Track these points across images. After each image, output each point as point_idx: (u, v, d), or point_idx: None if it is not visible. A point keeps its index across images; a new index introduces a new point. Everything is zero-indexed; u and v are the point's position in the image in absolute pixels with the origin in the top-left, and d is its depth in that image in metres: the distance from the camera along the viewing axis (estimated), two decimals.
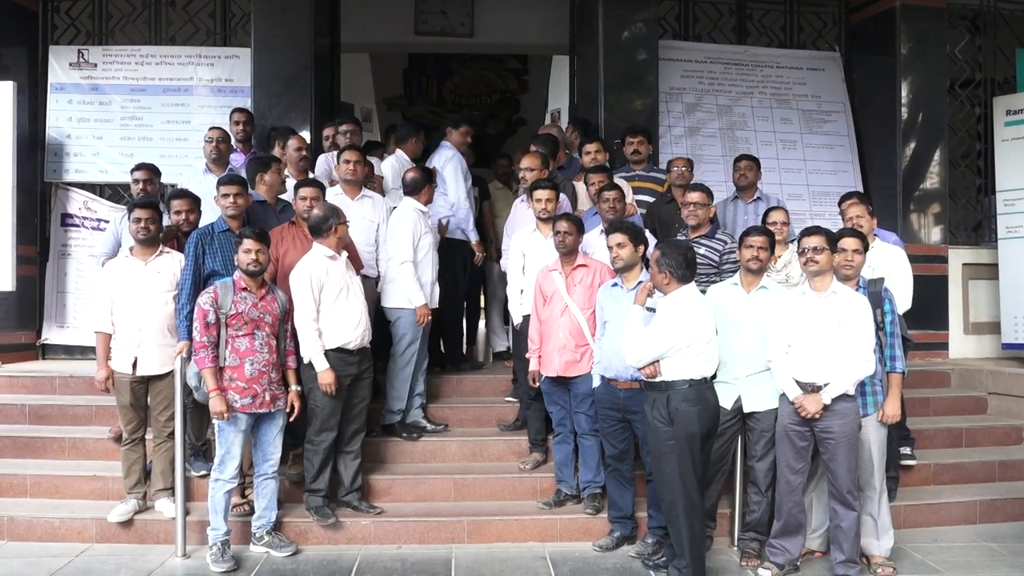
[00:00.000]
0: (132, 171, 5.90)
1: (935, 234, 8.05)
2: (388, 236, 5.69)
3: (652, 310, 4.46)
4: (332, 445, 5.00)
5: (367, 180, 5.96)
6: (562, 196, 5.84)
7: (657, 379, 4.30)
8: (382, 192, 6.14)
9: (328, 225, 4.92)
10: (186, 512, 4.88)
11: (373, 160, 6.34)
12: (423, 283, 5.65)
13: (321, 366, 4.85)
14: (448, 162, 6.35)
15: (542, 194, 5.46)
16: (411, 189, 5.75)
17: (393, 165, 6.27)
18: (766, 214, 5.59)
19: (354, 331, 4.94)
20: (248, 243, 4.69)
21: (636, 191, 6.40)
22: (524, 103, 13.21)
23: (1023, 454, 6.15)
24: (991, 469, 5.95)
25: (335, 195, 5.65)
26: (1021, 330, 7.52)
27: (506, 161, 7.75)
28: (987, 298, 7.99)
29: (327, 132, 6.64)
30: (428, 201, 5.85)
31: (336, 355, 4.89)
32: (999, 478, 5.91)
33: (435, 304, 5.81)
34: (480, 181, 7.17)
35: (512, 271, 5.62)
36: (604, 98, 7.62)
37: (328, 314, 4.88)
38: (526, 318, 5.47)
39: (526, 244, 5.56)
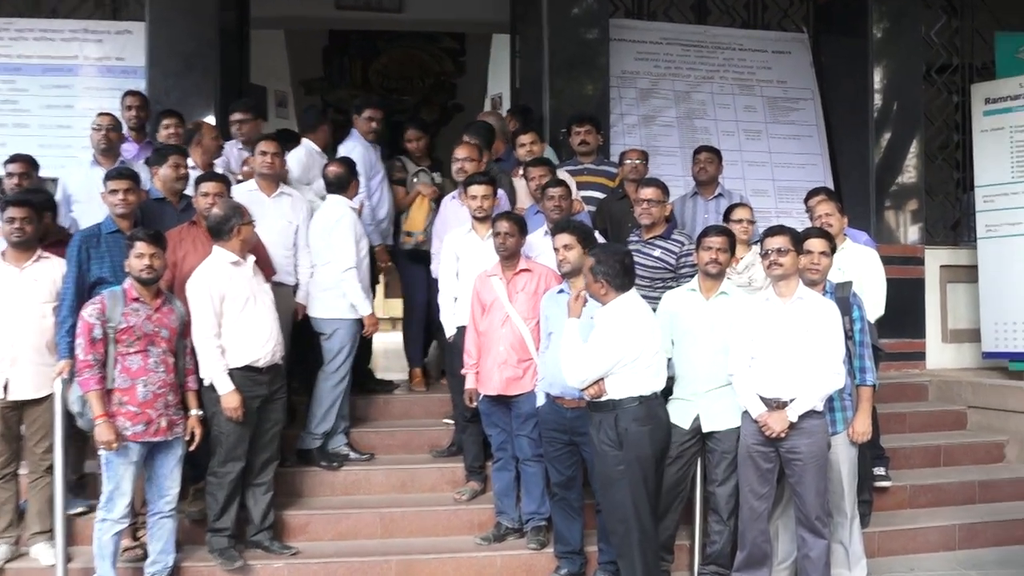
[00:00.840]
0: (5, 163, 5.75)
1: (911, 233, 8.27)
2: (319, 239, 5.63)
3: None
4: (239, 477, 4.92)
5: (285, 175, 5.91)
6: (500, 192, 5.83)
7: (603, 398, 4.32)
8: None
9: (230, 226, 4.84)
10: (67, 558, 4.74)
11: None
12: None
13: (224, 388, 4.77)
14: (350, 153, 6.30)
15: (477, 190, 5.46)
16: (337, 185, 5.71)
17: (300, 157, 6.18)
18: (728, 212, 5.67)
19: (263, 346, 4.88)
20: (141, 246, 4.59)
21: (584, 186, 6.43)
22: (461, 87, 13.21)
23: (1005, 472, 6.34)
24: (971, 490, 6.11)
25: (249, 191, 5.58)
26: (1002, 338, 7.75)
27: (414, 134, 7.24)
28: (966, 303, 8.23)
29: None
30: (356, 198, 5.83)
31: (242, 374, 4.83)
32: (979, 499, 6.09)
33: (370, 311, 5.78)
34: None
35: (444, 277, 5.60)
36: (549, 83, 7.65)
37: (232, 328, 4.81)
38: (460, 330, 5.46)
39: (460, 246, 5.54)
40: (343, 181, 5.70)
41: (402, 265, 6.61)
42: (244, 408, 4.81)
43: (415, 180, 6.49)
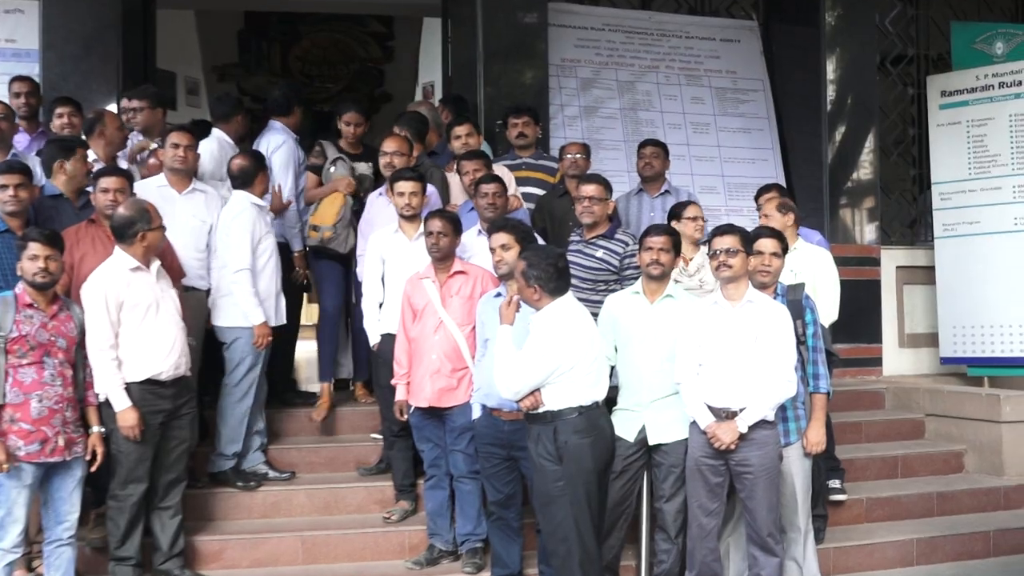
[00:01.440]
0: None
1: (866, 233, 8.46)
2: (220, 238, 5.58)
3: None
4: (142, 500, 4.85)
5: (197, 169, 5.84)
6: (430, 189, 5.85)
7: (540, 409, 4.35)
8: None
9: (134, 231, 4.78)
10: None
11: None
12: (262, 295, 5.57)
13: (120, 404, 4.70)
14: (279, 149, 6.27)
15: (405, 186, 5.46)
16: (242, 180, 5.66)
17: (212, 150, 6.11)
18: (678, 210, 5.74)
19: (165, 358, 4.82)
20: (34, 248, 4.50)
21: (522, 182, 6.48)
22: (389, 75, 13.17)
23: (964, 483, 6.53)
24: (929, 502, 6.28)
25: (158, 187, 5.51)
26: (960, 342, 7.98)
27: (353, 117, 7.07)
28: (924, 306, 8.45)
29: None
30: (263, 193, 5.77)
31: (143, 388, 4.77)
32: (938, 512, 6.26)
33: (280, 320, 5.74)
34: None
35: (369, 280, 5.59)
36: (484, 70, 7.68)
37: (131, 338, 4.75)
38: (386, 338, 5.46)
39: (386, 247, 5.53)
40: (248, 175, 5.65)
41: (314, 267, 6.45)
42: (142, 425, 4.75)
43: (331, 170, 6.27)
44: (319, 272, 6.38)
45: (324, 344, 6.38)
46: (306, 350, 7.63)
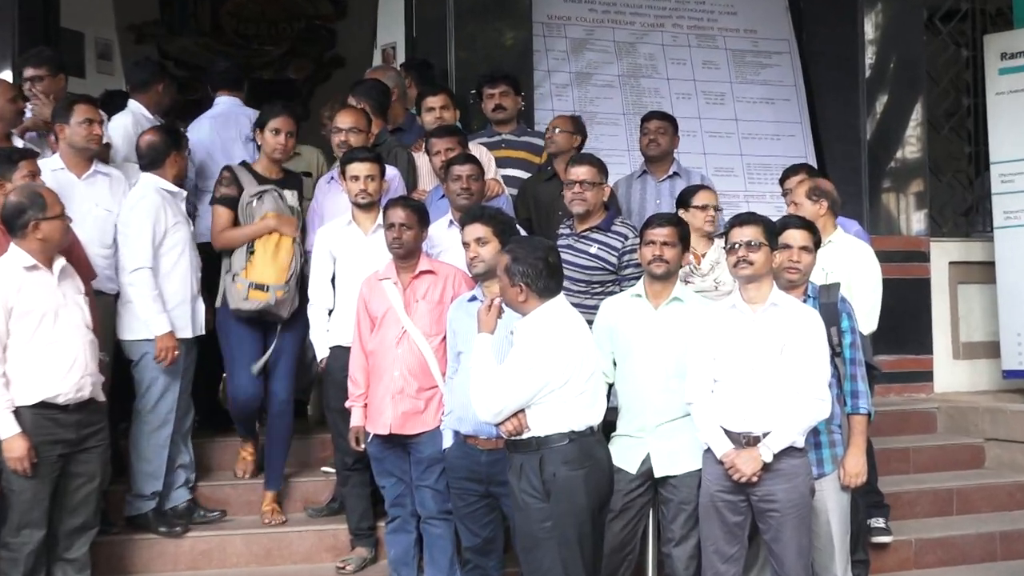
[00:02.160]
0: None
1: (913, 222, 8.49)
2: (120, 232, 5.55)
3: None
4: (40, 549, 4.81)
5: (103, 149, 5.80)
6: (392, 173, 5.83)
7: (524, 435, 4.33)
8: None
9: (24, 220, 4.74)
10: None
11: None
12: (172, 300, 5.53)
13: (7, 430, 4.67)
14: (201, 133, 6.27)
15: (359, 169, 5.43)
16: (150, 160, 5.63)
17: (126, 126, 6.08)
18: (686, 196, 5.74)
19: (66, 377, 4.78)
20: None
21: (502, 163, 6.46)
22: (342, 35, 13.11)
23: None
24: (991, 543, 6.29)
25: (53, 171, 5.48)
26: None
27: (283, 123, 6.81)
28: (982, 309, 8.47)
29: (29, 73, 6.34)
30: (179, 176, 5.72)
31: (36, 414, 4.73)
32: (1001, 555, 6.27)
33: (197, 330, 5.70)
34: None
35: (316, 283, 5.58)
36: (455, 29, 7.67)
37: (22, 352, 4.72)
38: (337, 352, 5.43)
39: (337, 243, 5.52)
40: (157, 154, 5.61)
41: (224, 331, 5.91)
42: (35, 459, 4.70)
43: (254, 203, 5.67)
44: (232, 338, 5.79)
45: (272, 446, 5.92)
46: None
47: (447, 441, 4.92)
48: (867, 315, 5.45)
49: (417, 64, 7.42)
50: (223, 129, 6.45)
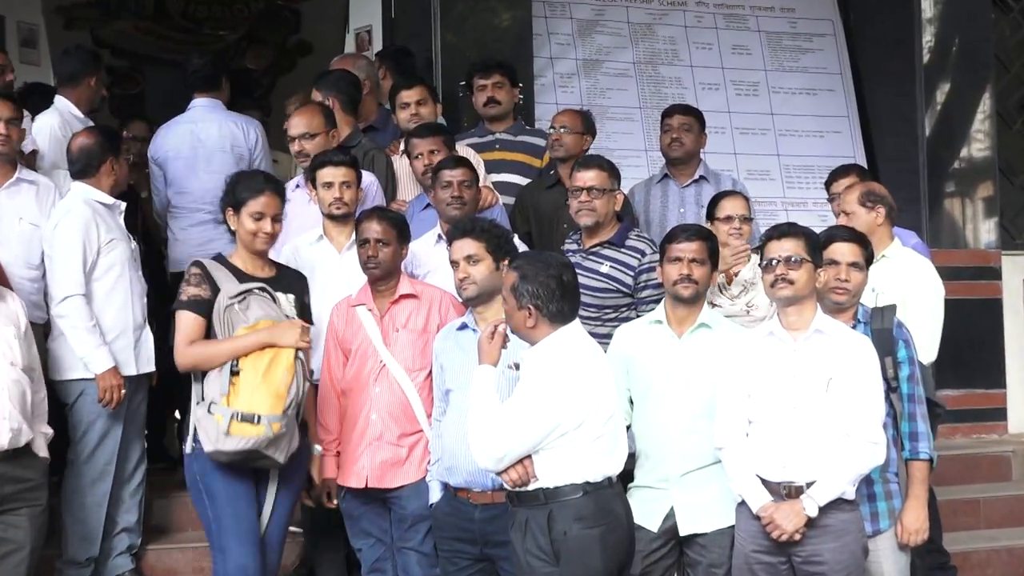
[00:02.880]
0: None
1: (982, 233, 8.51)
2: (46, 254, 5.58)
3: (519, 367, 4.51)
4: None
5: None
6: (368, 179, 5.85)
7: (530, 486, 4.33)
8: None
9: None
10: None
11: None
12: (112, 330, 5.55)
13: None
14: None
15: (333, 174, 5.45)
16: (82, 167, 5.65)
17: (53, 127, 6.12)
18: (713, 204, 5.76)
19: None
20: None
21: (496, 167, 6.52)
22: (308, 17, 13.15)
23: None
24: None
25: None
26: None
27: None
28: None
29: None
30: (116, 187, 5.73)
31: None
32: None
33: (146, 367, 5.70)
34: None
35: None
36: (441, 10, 7.70)
37: None
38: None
39: (307, 261, 5.53)
40: (91, 159, 5.63)
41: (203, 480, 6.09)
42: None
43: (235, 307, 4.84)
44: (220, 496, 4.92)
45: None
46: None
47: (434, 495, 4.91)
48: (926, 342, 5.45)
49: (393, 52, 7.47)
50: (204, 138, 6.47)
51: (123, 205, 5.80)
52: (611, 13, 8.46)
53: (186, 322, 4.81)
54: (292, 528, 6.07)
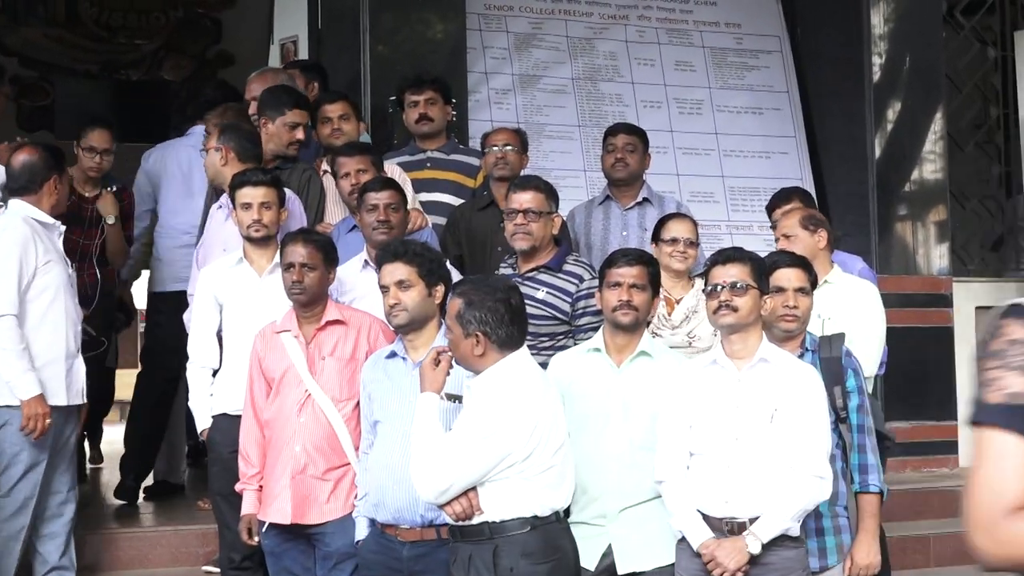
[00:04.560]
0: None
1: (933, 259, 8.61)
2: None
3: (457, 399, 4.52)
4: None
5: None
6: (291, 199, 5.84)
7: (475, 520, 4.34)
8: None
9: None
10: None
11: None
12: (39, 357, 5.51)
13: None
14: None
15: (252, 194, 5.45)
16: (24, 183, 5.64)
17: None
18: (659, 226, 5.80)
19: None
20: None
21: (428, 186, 6.54)
22: (229, 27, 13.11)
23: None
24: None
25: None
26: None
27: None
28: None
29: None
30: (57, 207, 5.71)
31: None
32: None
33: (76, 399, 5.67)
34: None
35: (198, 334, 5.58)
36: (370, 21, 7.71)
37: None
38: (223, 421, 5.44)
39: (225, 286, 5.52)
40: (34, 176, 5.62)
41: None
42: None
43: None
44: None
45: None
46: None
47: (360, 532, 4.89)
48: (864, 362, 5.48)
49: (315, 65, 7.49)
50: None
51: (62, 227, 5.79)
52: (549, 27, 8.50)
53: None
54: (207, 568, 6.10)
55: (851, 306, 5.60)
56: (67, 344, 5.66)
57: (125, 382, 8.14)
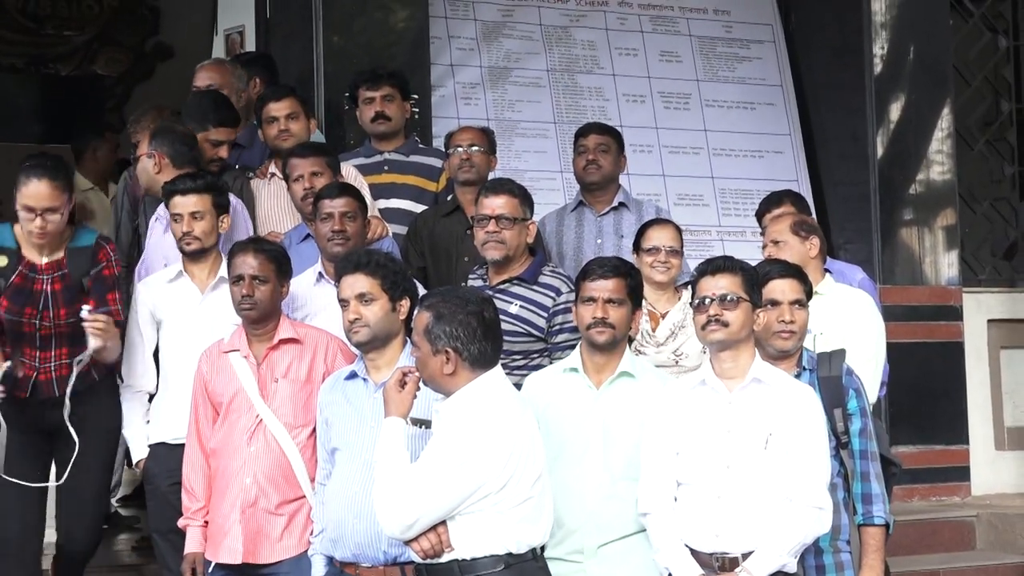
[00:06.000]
0: None
1: (941, 267, 8.62)
2: None
3: (424, 424, 4.52)
4: None
5: None
6: (236, 205, 5.86)
7: (444, 558, 4.33)
8: None
9: None
10: None
11: None
12: None
13: None
14: None
15: (182, 204, 5.45)
16: None
17: None
18: (639, 235, 5.83)
19: None
20: None
21: (386, 192, 6.56)
22: (169, 17, 13.10)
23: None
24: None
25: None
26: None
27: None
28: None
29: None
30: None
31: None
32: None
33: None
34: None
35: (133, 352, 5.59)
36: (323, 10, 7.70)
37: None
38: (161, 451, 5.45)
39: (163, 302, 5.54)
40: None
41: None
42: None
43: None
44: None
45: None
46: None
47: (317, 571, 4.88)
48: (865, 385, 5.50)
49: (261, 58, 7.50)
50: None
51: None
52: (521, 14, 8.51)
53: None
54: None
55: (846, 319, 5.62)
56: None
57: None
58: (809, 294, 4.99)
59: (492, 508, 4.27)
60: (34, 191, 5.28)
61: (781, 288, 4.88)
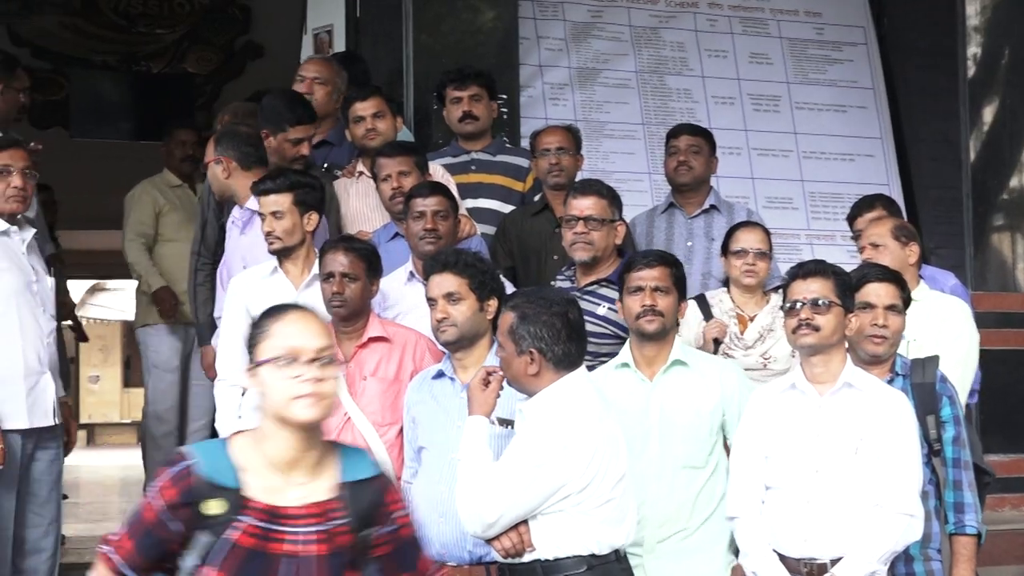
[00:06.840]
0: None
1: None
2: None
3: (508, 423, 4.55)
4: None
5: None
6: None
7: (526, 557, 4.33)
8: None
9: None
10: None
11: None
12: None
13: None
14: None
15: (264, 204, 5.48)
16: None
17: None
18: (727, 238, 5.83)
19: None
20: None
21: (473, 192, 6.56)
22: (259, 16, 13.16)
23: None
24: None
25: None
26: None
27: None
28: None
29: None
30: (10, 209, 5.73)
31: None
32: None
33: (40, 418, 5.70)
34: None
35: (225, 350, 5.61)
36: (413, 9, 7.72)
37: None
38: None
39: (258, 297, 5.47)
40: None
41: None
42: None
43: None
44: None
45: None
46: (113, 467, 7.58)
47: None
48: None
49: (348, 56, 7.52)
50: None
51: (26, 233, 5.82)
52: (610, 15, 8.49)
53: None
54: None
55: (939, 326, 5.55)
56: (24, 360, 5.65)
57: None
58: (907, 301, 4.94)
59: (574, 508, 4.25)
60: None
61: (877, 292, 4.86)
